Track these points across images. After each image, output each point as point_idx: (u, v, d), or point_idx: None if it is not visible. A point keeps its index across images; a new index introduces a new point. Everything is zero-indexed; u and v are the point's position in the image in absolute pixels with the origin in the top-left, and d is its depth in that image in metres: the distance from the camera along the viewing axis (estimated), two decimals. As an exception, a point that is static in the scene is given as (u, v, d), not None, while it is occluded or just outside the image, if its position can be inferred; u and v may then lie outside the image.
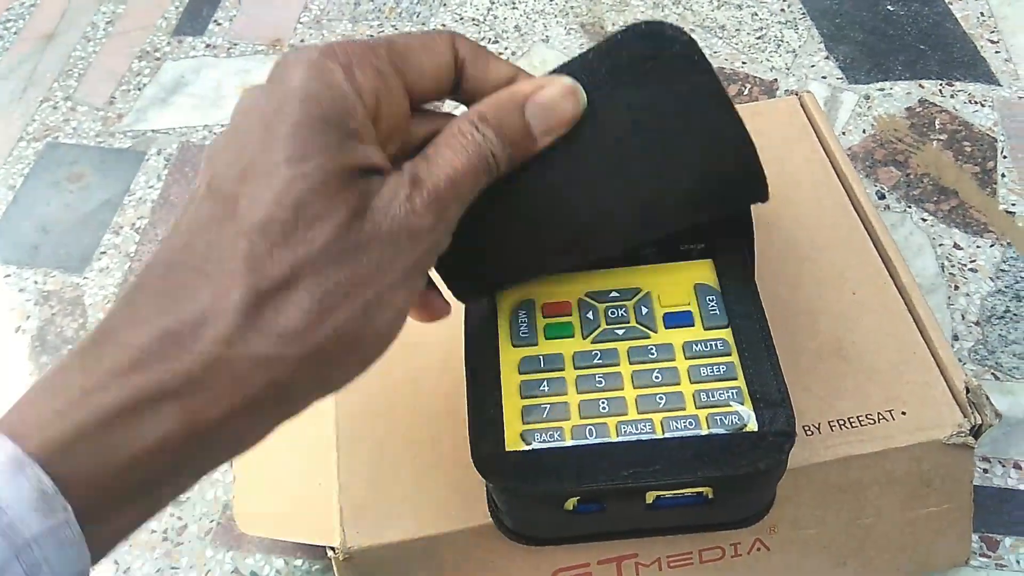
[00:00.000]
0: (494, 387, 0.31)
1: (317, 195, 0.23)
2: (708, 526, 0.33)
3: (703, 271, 0.34)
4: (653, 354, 0.32)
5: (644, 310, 0.33)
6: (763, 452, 0.29)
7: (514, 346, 0.33)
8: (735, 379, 0.31)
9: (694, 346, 0.32)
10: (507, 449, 0.30)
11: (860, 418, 0.36)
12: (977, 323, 0.47)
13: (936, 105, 0.57)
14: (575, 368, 0.32)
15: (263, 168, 0.23)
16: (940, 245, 0.50)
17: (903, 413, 0.36)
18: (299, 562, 0.43)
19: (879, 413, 0.36)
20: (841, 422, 0.35)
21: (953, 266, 0.49)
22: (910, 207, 0.52)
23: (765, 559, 0.36)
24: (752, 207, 0.35)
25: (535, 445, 0.30)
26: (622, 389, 0.31)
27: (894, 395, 0.36)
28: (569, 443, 0.30)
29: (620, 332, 0.33)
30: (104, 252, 0.56)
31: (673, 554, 0.36)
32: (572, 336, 0.33)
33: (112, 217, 0.58)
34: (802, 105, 0.47)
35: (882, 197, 0.53)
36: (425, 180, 0.25)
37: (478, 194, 0.27)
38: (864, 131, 0.56)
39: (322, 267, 0.23)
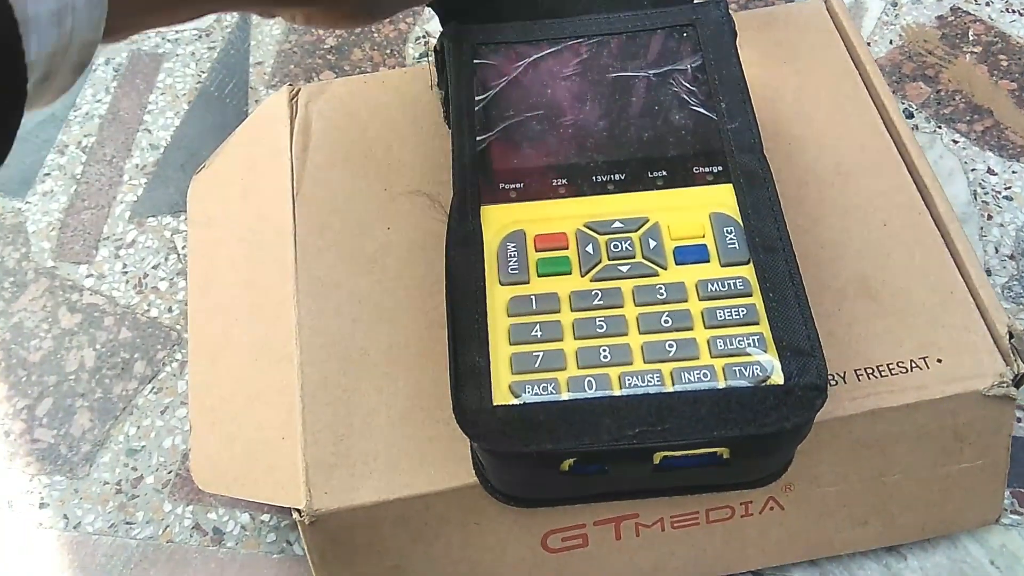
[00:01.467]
0: (479, 331, 0.27)
1: None
2: (720, 486, 0.29)
3: (720, 198, 0.30)
4: (662, 294, 0.28)
5: (652, 243, 0.29)
6: (790, 409, 0.25)
7: (502, 284, 0.28)
8: (756, 324, 0.27)
9: (709, 285, 0.28)
10: (494, 403, 0.26)
11: (890, 366, 0.32)
12: (1011, 256, 0.43)
13: (970, 14, 0.51)
14: (572, 310, 0.28)
15: None
16: (972, 170, 0.46)
17: (938, 361, 0.32)
18: (266, 517, 0.39)
19: (911, 361, 0.32)
20: (869, 371, 0.32)
21: (986, 193, 0.45)
22: (940, 127, 0.47)
23: (778, 519, 0.33)
24: (770, 126, 0.31)
25: (526, 399, 0.26)
26: (626, 335, 0.27)
27: (928, 340, 0.32)
28: (565, 397, 0.26)
29: (624, 269, 0.28)
30: (48, 174, 0.51)
31: (677, 514, 0.32)
32: (569, 273, 0.28)
33: (56, 134, 0.52)
34: (828, 9, 0.41)
35: (910, 116, 0.48)
36: None
37: None
38: (891, 42, 0.51)
39: None
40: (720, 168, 0.30)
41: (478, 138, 0.32)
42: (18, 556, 0.39)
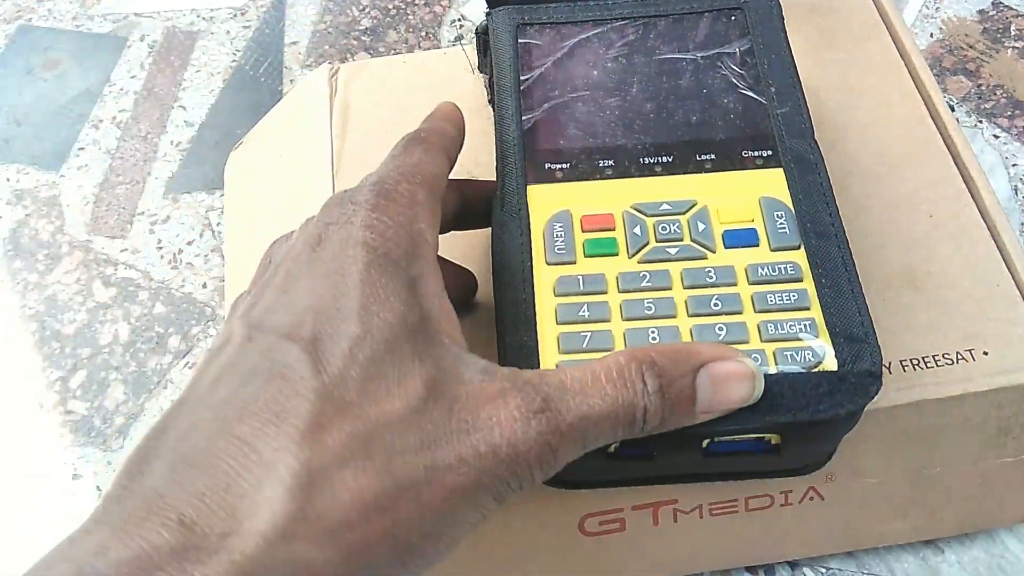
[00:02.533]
0: (527, 311, 0.27)
1: (395, 357, 0.21)
2: (763, 473, 0.29)
3: (770, 182, 0.29)
4: (711, 277, 0.27)
5: (701, 226, 0.28)
6: (844, 396, 0.24)
7: (549, 264, 0.28)
8: (808, 309, 0.26)
9: (759, 269, 0.27)
10: (543, 383, 0.25)
11: (936, 357, 0.31)
12: (1053, 253, 0.42)
13: (1012, 8, 0.51)
14: (620, 291, 0.27)
15: (327, 314, 0.22)
16: (1013, 165, 0.45)
17: (984, 353, 0.31)
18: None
19: (957, 353, 0.31)
20: (915, 362, 0.31)
21: (1028, 189, 0.44)
22: (981, 122, 0.47)
23: (818, 509, 0.33)
24: (814, 115, 0.30)
25: (574, 380, 0.26)
26: (675, 317, 0.27)
27: (974, 332, 0.32)
28: (613, 378, 0.25)
29: (672, 251, 0.28)
30: (82, 148, 0.51)
31: (716, 501, 0.32)
32: (616, 254, 0.28)
33: (91, 109, 0.52)
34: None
35: (951, 110, 0.47)
36: (560, 407, 0.21)
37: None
38: (931, 35, 0.50)
39: (391, 446, 0.20)
40: (770, 152, 0.30)
41: (523, 118, 0.31)
42: (51, 528, 0.39)
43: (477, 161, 0.37)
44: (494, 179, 0.31)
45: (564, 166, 0.30)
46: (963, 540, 0.35)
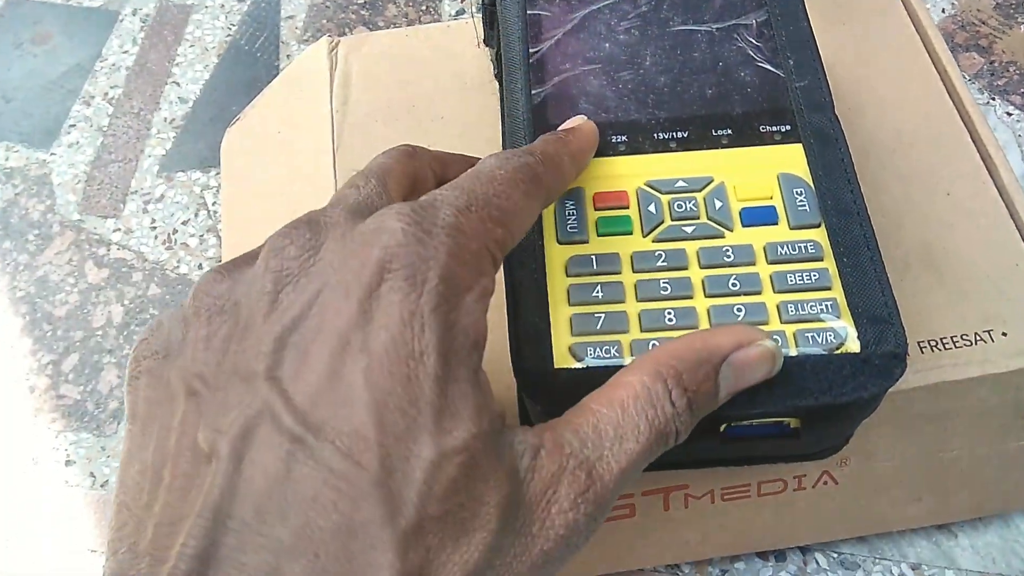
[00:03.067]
0: (539, 291, 0.26)
1: (470, 480, 0.18)
2: (781, 458, 0.28)
3: (789, 158, 0.28)
4: (729, 256, 0.26)
5: (718, 204, 0.28)
6: (868, 378, 0.24)
7: (560, 243, 0.27)
8: (829, 288, 0.26)
9: (779, 248, 0.26)
10: (556, 367, 0.25)
11: (954, 339, 0.31)
12: (1068, 234, 0.42)
13: (1026, -16, 0.50)
14: (634, 271, 0.26)
15: (396, 428, 0.17)
16: (1027, 144, 0.44)
17: (1003, 334, 0.31)
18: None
19: (976, 334, 0.31)
20: (933, 343, 0.30)
21: (1041, 168, 0.43)
22: (994, 98, 0.46)
23: (831, 494, 0.32)
24: (831, 90, 0.29)
25: (588, 362, 0.25)
26: (692, 298, 0.26)
27: (993, 313, 0.31)
28: (629, 360, 0.25)
29: (689, 230, 0.27)
30: (73, 125, 0.50)
31: (729, 486, 0.31)
32: (630, 233, 0.27)
33: (82, 85, 0.51)
34: (888, -28, 0.40)
35: (964, 87, 0.46)
36: (602, 472, 0.20)
37: None
38: (943, 10, 0.49)
39: None
40: (789, 127, 0.29)
41: (533, 92, 0.30)
42: (43, 514, 0.38)
43: (482, 136, 0.36)
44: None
45: None
46: (976, 524, 0.35)
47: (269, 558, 0.16)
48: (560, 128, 0.27)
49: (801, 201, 0.27)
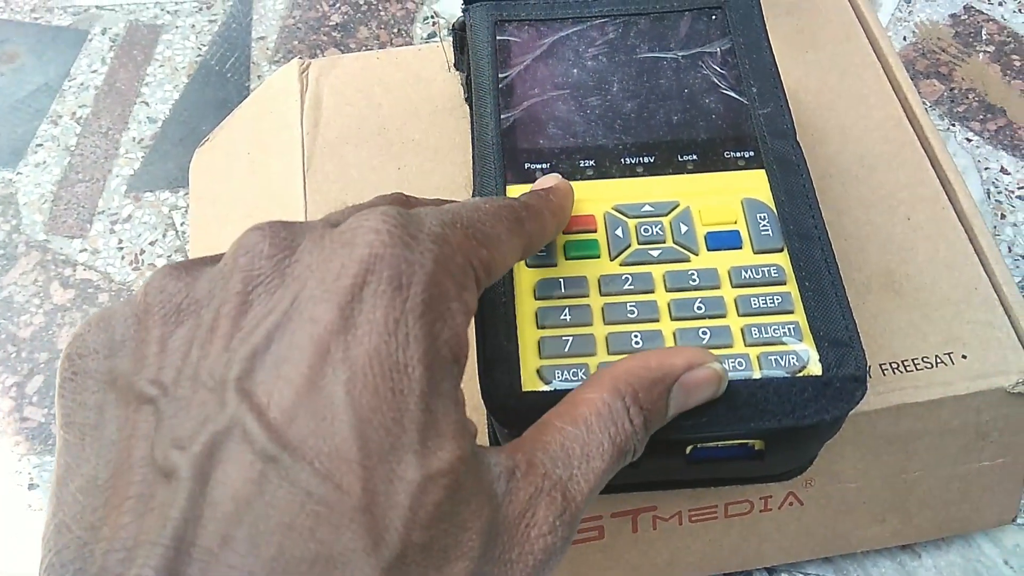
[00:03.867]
0: (507, 314, 0.26)
1: (454, 504, 0.17)
2: (746, 479, 0.28)
3: (753, 183, 0.29)
4: (695, 280, 0.27)
5: (683, 228, 0.28)
6: (829, 401, 0.24)
7: (529, 266, 0.27)
8: (792, 312, 0.26)
9: (743, 272, 0.27)
10: (524, 389, 0.25)
11: (915, 361, 0.31)
12: (1025, 257, 0.43)
13: (983, 13, 0.51)
14: (601, 294, 0.27)
15: (379, 449, 0.16)
16: (986, 168, 0.45)
17: (963, 357, 0.31)
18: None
19: (936, 356, 0.31)
20: (894, 365, 0.31)
21: (1000, 192, 0.44)
22: (954, 124, 0.47)
23: (797, 514, 0.32)
24: (793, 116, 0.30)
25: (556, 385, 0.25)
26: (658, 321, 0.26)
27: (953, 336, 0.32)
28: (596, 384, 0.25)
29: (655, 253, 0.27)
30: (40, 144, 0.49)
31: (696, 507, 0.31)
32: (598, 256, 0.28)
33: (50, 104, 0.51)
34: (850, 0, 0.41)
35: (924, 113, 0.47)
36: (574, 492, 0.19)
37: None
38: (904, 38, 0.50)
39: None
40: (752, 153, 0.29)
41: (502, 116, 0.31)
42: (6, 538, 0.37)
43: (452, 160, 0.36)
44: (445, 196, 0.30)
45: (544, 166, 0.29)
46: (939, 544, 0.35)
47: None
48: (535, 185, 0.27)
49: (764, 226, 0.28)
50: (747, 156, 0.29)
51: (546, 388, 0.25)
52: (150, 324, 0.18)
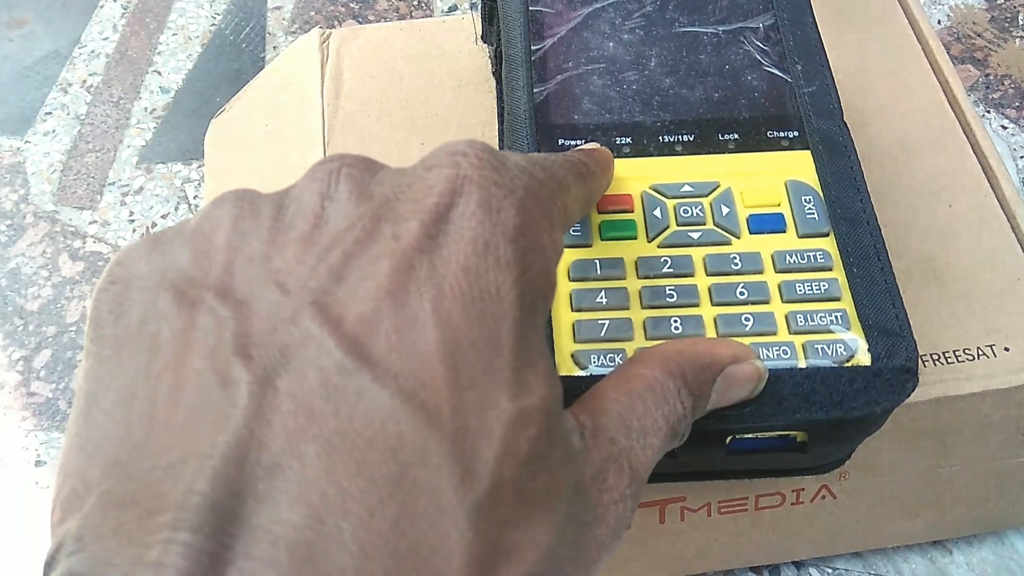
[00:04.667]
0: (541, 295, 0.25)
1: (548, 447, 0.15)
2: (783, 471, 0.27)
3: (798, 165, 0.28)
4: (737, 264, 0.26)
5: (724, 210, 0.27)
6: (879, 392, 0.23)
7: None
8: (839, 299, 0.25)
9: (787, 257, 0.26)
10: (559, 374, 0.24)
11: (956, 353, 0.30)
12: (1062, 248, 0.41)
13: (1021, -2, 0.50)
14: (639, 277, 0.26)
15: (471, 375, 0.15)
16: (1021, 157, 0.44)
17: (1006, 349, 0.30)
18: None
19: (978, 348, 0.30)
20: (935, 356, 0.30)
21: (1036, 182, 0.43)
22: (989, 111, 0.45)
23: (829, 508, 0.31)
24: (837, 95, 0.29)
25: (592, 370, 0.24)
26: (698, 306, 0.25)
27: (995, 327, 0.31)
28: (634, 371, 0.24)
29: (695, 236, 0.26)
30: (50, 112, 0.48)
31: (726, 499, 0.30)
32: (635, 237, 0.26)
33: (59, 72, 0.49)
34: (891, -20, 0.39)
35: (960, 98, 0.46)
36: (637, 465, 0.18)
37: None
38: (939, 22, 0.49)
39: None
40: (796, 133, 0.28)
41: (535, 90, 0.29)
42: (13, 515, 0.37)
43: (479, 134, 0.35)
44: None
45: (579, 142, 0.28)
46: (971, 541, 0.34)
47: (308, 513, 0.13)
48: (575, 149, 0.26)
49: (810, 209, 0.27)
50: (791, 136, 0.28)
51: (581, 373, 0.24)
52: (214, 235, 0.17)
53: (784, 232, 0.26)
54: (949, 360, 0.30)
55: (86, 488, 0.14)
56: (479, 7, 0.34)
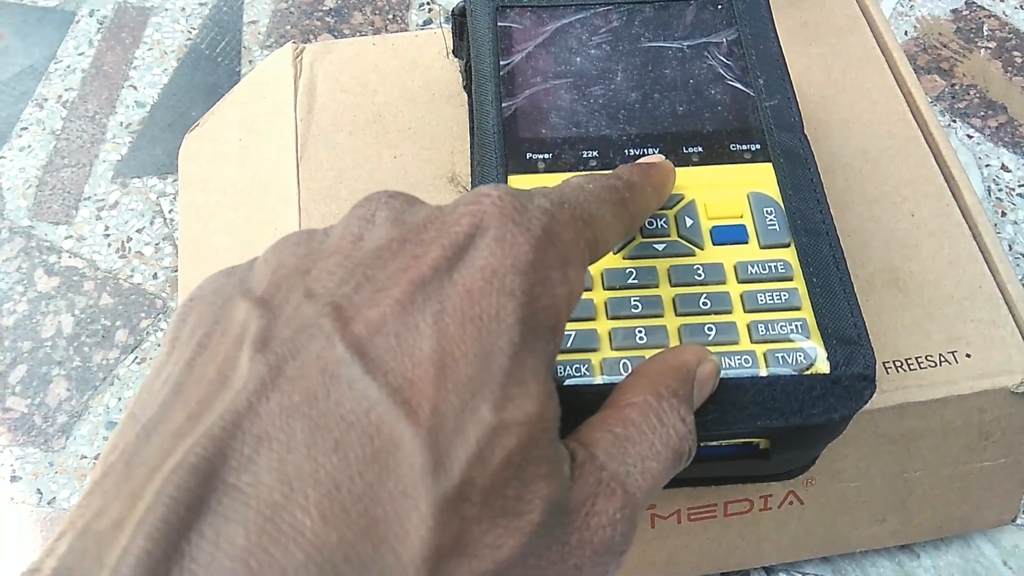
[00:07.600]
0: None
1: (524, 461, 0.16)
2: (748, 478, 0.28)
3: (760, 177, 0.28)
4: (700, 275, 0.26)
5: (688, 221, 0.27)
6: (837, 400, 0.24)
7: (530, 258, 0.27)
8: (799, 309, 0.26)
9: (749, 267, 0.26)
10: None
11: (919, 360, 0.31)
12: (1026, 255, 0.42)
13: (984, 9, 0.51)
14: (605, 288, 0.26)
15: (457, 381, 0.16)
16: (987, 166, 0.45)
17: (967, 356, 0.31)
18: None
19: (940, 355, 0.31)
20: (898, 363, 0.31)
21: (1000, 190, 0.44)
22: (955, 121, 0.46)
23: (797, 513, 0.32)
24: (800, 108, 0.30)
25: (558, 381, 0.24)
26: (663, 316, 0.26)
27: (956, 335, 0.31)
28: (599, 380, 0.24)
29: (659, 248, 0.27)
30: (25, 128, 0.48)
31: (695, 506, 0.31)
32: (601, 250, 0.27)
33: (35, 87, 0.49)
34: (855, -7, 0.40)
35: (926, 109, 0.47)
36: (633, 490, 0.19)
37: None
38: (906, 32, 0.50)
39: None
40: (759, 146, 0.29)
41: (503, 104, 0.30)
42: (-14, 531, 0.36)
43: (449, 149, 0.35)
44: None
45: (546, 156, 0.29)
46: (938, 544, 0.35)
47: (280, 479, 0.14)
48: (640, 161, 0.26)
49: (771, 220, 0.27)
50: (753, 149, 0.29)
51: (548, 384, 0.24)
52: (270, 258, 0.19)
53: (746, 243, 0.27)
54: (912, 367, 0.31)
55: (121, 451, 0.16)
56: (450, 21, 0.35)
